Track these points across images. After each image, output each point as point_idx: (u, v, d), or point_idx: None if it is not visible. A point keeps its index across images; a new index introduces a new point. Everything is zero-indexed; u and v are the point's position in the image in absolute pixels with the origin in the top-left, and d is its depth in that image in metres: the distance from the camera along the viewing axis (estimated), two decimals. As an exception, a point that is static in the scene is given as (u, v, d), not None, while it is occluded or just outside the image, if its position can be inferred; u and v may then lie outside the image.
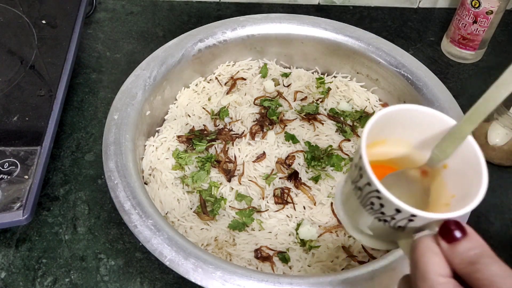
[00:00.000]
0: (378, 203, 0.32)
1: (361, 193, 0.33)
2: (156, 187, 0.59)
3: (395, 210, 0.31)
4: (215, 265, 0.46)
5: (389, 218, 0.32)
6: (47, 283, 0.54)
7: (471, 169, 0.33)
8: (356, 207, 0.34)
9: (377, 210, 0.32)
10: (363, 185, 0.32)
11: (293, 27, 0.70)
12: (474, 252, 0.29)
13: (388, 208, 0.31)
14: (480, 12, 0.75)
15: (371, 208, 0.33)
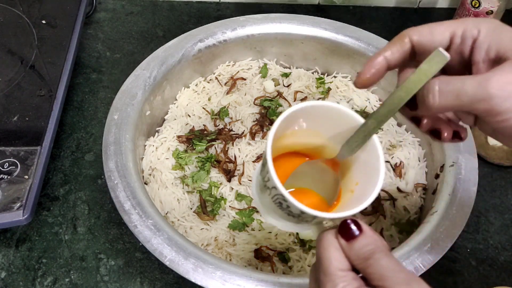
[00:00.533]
0: (285, 204, 0.34)
1: (270, 192, 0.35)
2: (156, 187, 0.59)
3: (300, 212, 0.33)
4: (215, 265, 0.46)
5: (297, 215, 0.34)
6: (47, 283, 0.54)
7: (372, 164, 0.35)
8: (269, 201, 0.36)
9: (285, 209, 0.35)
10: (271, 187, 0.34)
11: (293, 27, 0.70)
12: (368, 248, 0.31)
13: (294, 209, 0.33)
14: (480, 12, 0.75)
15: (280, 206, 0.35)
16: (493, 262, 0.58)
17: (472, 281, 0.57)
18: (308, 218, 0.34)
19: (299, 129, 0.38)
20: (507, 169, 0.67)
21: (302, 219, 0.35)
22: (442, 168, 0.58)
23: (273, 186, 0.34)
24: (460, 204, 0.52)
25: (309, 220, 0.35)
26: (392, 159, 0.62)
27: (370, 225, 0.57)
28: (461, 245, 0.59)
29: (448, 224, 0.50)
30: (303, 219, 0.35)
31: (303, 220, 0.35)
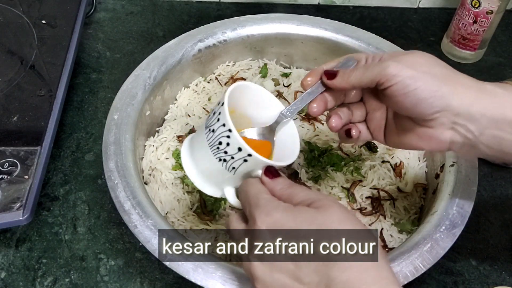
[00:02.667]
0: (226, 142, 0.40)
1: (213, 134, 0.41)
2: (156, 187, 0.59)
3: (238, 149, 0.40)
4: (215, 265, 0.46)
5: (229, 157, 0.41)
6: (47, 283, 0.54)
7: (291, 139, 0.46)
8: (203, 150, 0.43)
9: (221, 149, 0.41)
10: (218, 127, 0.41)
11: (293, 27, 0.70)
12: (289, 181, 0.41)
13: (232, 147, 0.40)
14: (480, 12, 0.75)
15: (217, 148, 0.41)
16: (493, 262, 0.58)
17: (472, 281, 0.57)
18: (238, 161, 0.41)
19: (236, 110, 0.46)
20: (507, 169, 0.67)
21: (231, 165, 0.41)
22: (442, 168, 0.57)
23: (222, 124, 0.40)
24: (460, 204, 0.52)
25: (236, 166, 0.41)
26: (392, 159, 0.62)
27: (370, 225, 0.57)
28: (461, 245, 0.59)
29: (448, 224, 0.50)
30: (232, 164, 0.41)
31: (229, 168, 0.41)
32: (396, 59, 0.41)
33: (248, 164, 0.41)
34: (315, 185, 0.59)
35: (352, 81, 0.43)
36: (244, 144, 0.40)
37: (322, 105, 0.47)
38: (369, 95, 0.47)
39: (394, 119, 0.46)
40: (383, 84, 0.41)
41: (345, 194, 0.59)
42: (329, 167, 0.61)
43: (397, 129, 0.46)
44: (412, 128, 0.44)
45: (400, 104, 0.42)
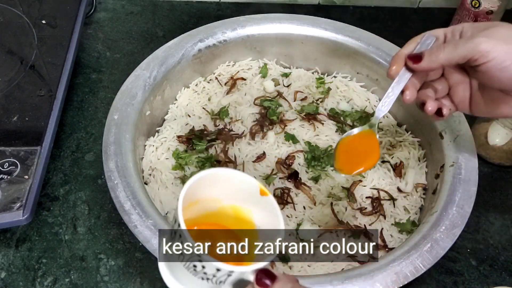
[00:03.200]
0: (200, 265, 0.35)
1: (183, 257, 0.36)
2: (156, 187, 0.59)
3: (216, 269, 0.35)
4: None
5: (211, 276, 0.36)
6: (47, 283, 0.54)
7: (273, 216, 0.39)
8: (181, 270, 0.38)
9: (200, 271, 0.36)
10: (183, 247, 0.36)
11: (293, 27, 0.70)
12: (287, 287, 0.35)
13: (209, 268, 0.35)
14: (480, 12, 0.75)
15: (194, 270, 0.36)
16: (493, 262, 0.58)
17: (472, 281, 0.57)
18: (222, 277, 0.36)
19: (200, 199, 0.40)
20: (507, 169, 0.67)
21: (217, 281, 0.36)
22: (442, 168, 0.57)
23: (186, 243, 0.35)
24: (460, 204, 0.52)
25: (223, 280, 0.36)
26: (392, 159, 0.62)
27: (370, 225, 0.57)
28: (461, 245, 0.59)
29: (448, 224, 0.50)
30: (217, 280, 0.36)
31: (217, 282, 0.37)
32: (485, 35, 0.41)
33: (234, 276, 0.36)
34: (315, 185, 0.59)
35: (441, 60, 0.43)
36: (220, 265, 0.35)
37: (413, 90, 0.46)
38: (451, 70, 0.48)
39: (480, 90, 0.47)
40: (477, 61, 0.42)
41: (345, 194, 0.59)
42: (329, 167, 0.61)
43: (485, 100, 0.47)
44: (503, 98, 0.45)
45: (495, 78, 0.42)
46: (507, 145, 0.65)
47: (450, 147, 0.58)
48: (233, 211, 0.42)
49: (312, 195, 0.58)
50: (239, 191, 0.41)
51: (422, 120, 0.64)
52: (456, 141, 0.58)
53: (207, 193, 0.41)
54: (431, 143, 0.62)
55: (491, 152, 0.66)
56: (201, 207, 0.40)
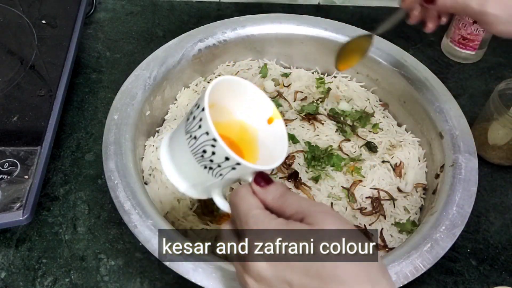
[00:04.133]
0: (211, 151, 0.37)
1: (195, 141, 0.38)
2: (156, 187, 0.59)
3: (225, 158, 0.37)
4: (215, 265, 0.46)
5: (216, 165, 0.38)
6: (47, 283, 0.54)
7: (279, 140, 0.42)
8: (184, 154, 0.39)
9: (206, 158, 0.38)
10: (200, 134, 0.38)
11: (293, 27, 0.70)
12: (281, 189, 0.38)
13: (218, 156, 0.37)
14: (480, 12, 0.75)
15: (201, 156, 0.38)
16: (494, 262, 0.58)
17: (472, 281, 0.57)
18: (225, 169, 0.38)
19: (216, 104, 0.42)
20: (507, 169, 0.67)
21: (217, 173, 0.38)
22: (442, 168, 0.58)
23: (205, 132, 0.37)
24: (460, 204, 0.52)
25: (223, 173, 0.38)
26: (392, 159, 0.62)
27: (370, 225, 0.57)
28: (461, 245, 0.59)
29: (448, 224, 0.50)
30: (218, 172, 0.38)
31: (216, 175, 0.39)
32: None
33: (236, 171, 0.38)
34: (315, 185, 0.59)
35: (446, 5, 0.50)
36: (231, 153, 0.37)
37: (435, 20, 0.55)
38: None
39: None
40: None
41: (345, 194, 0.59)
42: (329, 167, 0.61)
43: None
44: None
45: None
46: (507, 145, 0.65)
47: (450, 147, 0.58)
48: (239, 128, 0.44)
49: (312, 195, 0.58)
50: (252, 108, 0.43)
51: (422, 120, 0.64)
52: (456, 141, 0.58)
53: (223, 101, 0.42)
54: (431, 143, 0.62)
55: (491, 152, 0.66)
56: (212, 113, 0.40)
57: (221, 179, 0.39)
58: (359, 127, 0.66)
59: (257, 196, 0.38)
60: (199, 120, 0.38)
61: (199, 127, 0.38)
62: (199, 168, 0.39)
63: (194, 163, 0.39)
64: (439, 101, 0.62)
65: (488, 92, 0.63)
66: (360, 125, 0.66)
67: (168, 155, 0.42)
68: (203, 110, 0.37)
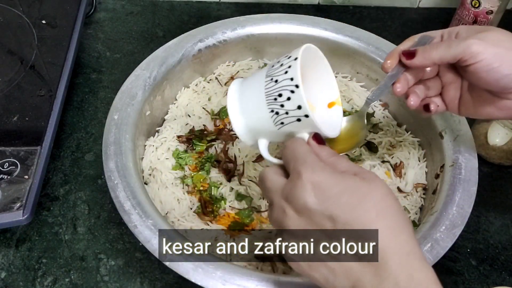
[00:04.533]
0: (287, 96, 0.40)
1: (275, 85, 0.41)
2: (156, 187, 0.59)
3: (297, 107, 0.40)
4: (215, 265, 0.46)
5: (284, 112, 0.40)
6: (47, 283, 0.54)
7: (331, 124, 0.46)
8: (256, 95, 0.42)
9: (278, 102, 0.40)
10: (283, 79, 0.40)
11: (293, 27, 0.70)
12: (333, 151, 0.41)
13: (292, 102, 0.40)
14: (480, 12, 0.75)
15: (274, 99, 0.41)
16: (494, 262, 0.58)
17: (472, 281, 0.57)
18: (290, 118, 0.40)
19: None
20: (507, 169, 0.67)
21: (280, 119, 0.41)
22: (442, 168, 0.58)
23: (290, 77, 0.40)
24: (460, 204, 0.52)
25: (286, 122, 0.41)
26: (392, 159, 0.62)
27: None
28: (461, 245, 0.59)
29: (448, 224, 0.50)
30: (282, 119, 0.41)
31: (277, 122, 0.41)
32: (478, 37, 0.43)
33: (299, 124, 0.41)
34: (315, 185, 0.59)
35: (433, 58, 0.45)
36: (306, 103, 0.39)
37: (405, 84, 0.48)
38: (445, 69, 0.49)
39: (470, 91, 0.49)
40: (466, 61, 0.44)
41: (345, 194, 0.59)
42: (329, 167, 0.61)
43: (473, 101, 0.48)
44: (490, 100, 0.47)
45: (483, 79, 0.44)
46: (507, 145, 0.65)
47: (450, 147, 0.58)
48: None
49: (312, 195, 0.58)
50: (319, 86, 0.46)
51: (422, 120, 0.64)
52: (456, 141, 0.58)
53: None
54: (431, 143, 0.62)
55: (491, 152, 0.66)
56: None
57: (279, 128, 0.42)
58: (359, 127, 0.66)
59: (312, 149, 0.40)
60: (287, 67, 0.40)
61: (285, 72, 0.40)
62: (265, 111, 0.41)
63: (263, 105, 0.41)
64: (439, 101, 0.62)
65: (488, 92, 0.63)
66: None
67: (237, 94, 0.44)
68: (295, 59, 0.40)
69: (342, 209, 0.35)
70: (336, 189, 0.36)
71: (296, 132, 0.42)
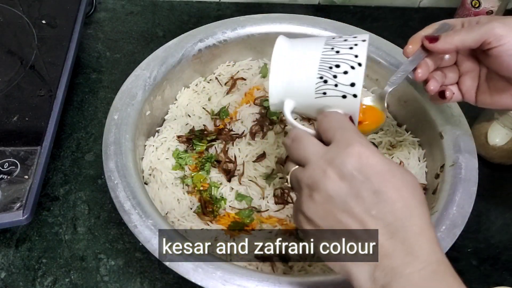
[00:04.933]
0: (344, 70, 0.39)
1: (335, 55, 0.40)
2: (156, 187, 0.59)
3: (350, 84, 0.39)
4: (215, 265, 0.46)
5: (333, 83, 0.39)
6: (47, 283, 0.54)
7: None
8: (310, 57, 0.40)
9: (332, 72, 0.39)
10: (346, 53, 0.39)
11: (293, 27, 0.70)
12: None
13: (348, 78, 0.39)
14: (480, 12, 0.75)
15: (329, 67, 0.39)
16: (494, 261, 0.58)
17: (473, 281, 0.57)
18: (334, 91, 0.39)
19: None
20: (507, 169, 0.67)
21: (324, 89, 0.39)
22: (442, 168, 0.57)
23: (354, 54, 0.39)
24: (460, 204, 0.52)
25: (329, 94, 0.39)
26: (392, 159, 0.62)
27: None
28: (461, 245, 0.59)
29: (448, 224, 0.50)
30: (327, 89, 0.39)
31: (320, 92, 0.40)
32: (501, 21, 0.44)
33: (341, 101, 0.40)
34: (315, 185, 0.59)
35: (455, 42, 0.46)
36: (361, 84, 0.38)
37: (425, 69, 0.49)
38: (464, 58, 0.51)
39: (487, 80, 0.50)
40: (490, 44, 0.44)
41: (345, 194, 0.58)
42: (329, 167, 0.61)
43: (490, 90, 0.49)
44: (508, 89, 0.47)
45: (505, 64, 0.45)
46: (507, 145, 0.65)
47: (450, 147, 0.58)
48: None
49: (312, 195, 0.58)
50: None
51: (422, 120, 0.64)
52: (456, 141, 0.58)
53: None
54: (431, 143, 0.62)
55: (491, 152, 0.66)
56: None
57: (317, 97, 0.40)
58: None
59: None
60: (353, 44, 0.40)
61: (350, 48, 0.40)
62: (313, 75, 0.40)
63: (313, 68, 0.40)
64: (439, 101, 0.62)
65: (488, 92, 0.63)
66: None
67: (287, 48, 0.43)
68: (363, 41, 0.40)
69: (388, 186, 0.35)
70: (386, 167, 0.36)
71: (330, 107, 0.40)
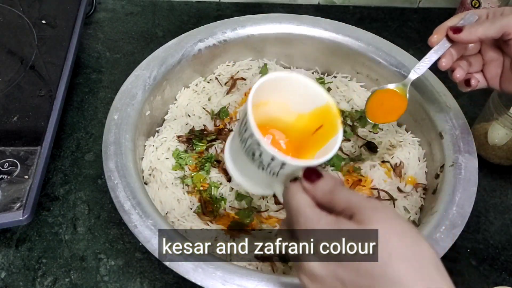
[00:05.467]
0: (258, 153, 0.39)
1: (246, 144, 0.40)
2: (156, 187, 0.59)
3: (271, 158, 0.38)
4: (215, 265, 0.46)
5: (266, 164, 0.39)
6: (47, 283, 0.54)
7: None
8: (242, 157, 0.41)
9: (257, 159, 0.39)
10: (247, 137, 0.39)
11: (293, 27, 0.70)
12: (331, 183, 0.37)
13: (265, 156, 0.38)
14: (480, 12, 0.75)
15: (252, 158, 0.40)
16: (494, 262, 0.58)
17: (472, 281, 0.57)
18: (275, 168, 0.39)
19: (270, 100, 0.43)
20: (507, 169, 0.67)
21: (270, 171, 0.40)
22: (442, 168, 0.58)
23: (250, 134, 0.38)
24: (460, 204, 0.52)
25: (276, 171, 0.39)
26: (392, 159, 0.62)
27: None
28: (461, 245, 0.59)
29: (448, 224, 0.50)
30: (271, 170, 0.39)
31: (270, 173, 0.40)
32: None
33: (286, 169, 0.39)
34: (315, 185, 0.59)
35: (478, 33, 0.48)
36: (275, 153, 0.37)
37: (449, 59, 0.51)
38: (487, 47, 0.52)
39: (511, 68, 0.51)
40: (510, 35, 0.47)
41: (345, 194, 0.59)
42: (329, 167, 0.61)
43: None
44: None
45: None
46: (507, 145, 0.65)
47: (450, 147, 0.58)
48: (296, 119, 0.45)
49: (312, 195, 0.58)
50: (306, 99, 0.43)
51: (422, 120, 0.64)
52: (456, 141, 0.58)
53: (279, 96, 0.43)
54: (431, 143, 0.62)
55: (491, 152, 0.66)
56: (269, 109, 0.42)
57: (277, 175, 0.40)
58: (359, 127, 0.66)
59: (307, 192, 0.38)
60: (245, 123, 0.39)
61: (245, 130, 0.39)
62: (255, 168, 0.40)
63: (251, 164, 0.41)
64: (439, 101, 0.62)
65: (488, 92, 0.63)
66: (360, 125, 0.66)
67: (230, 158, 0.44)
68: (246, 114, 0.39)
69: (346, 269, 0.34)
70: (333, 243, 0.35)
71: (293, 172, 0.40)
